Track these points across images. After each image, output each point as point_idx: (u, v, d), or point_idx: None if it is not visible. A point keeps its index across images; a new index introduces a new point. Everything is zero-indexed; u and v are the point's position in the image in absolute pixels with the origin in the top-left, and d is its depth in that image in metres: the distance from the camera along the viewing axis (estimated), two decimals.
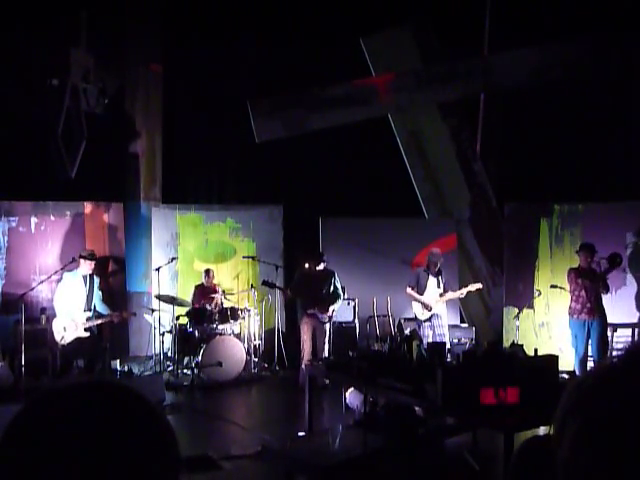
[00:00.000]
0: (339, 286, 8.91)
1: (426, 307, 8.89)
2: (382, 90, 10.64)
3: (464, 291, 9.30)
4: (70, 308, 8.35)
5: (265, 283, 9.04)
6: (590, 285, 8.20)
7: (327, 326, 8.77)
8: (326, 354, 8.43)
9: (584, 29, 10.23)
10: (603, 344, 8.27)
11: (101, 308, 8.54)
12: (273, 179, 11.30)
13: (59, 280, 8.73)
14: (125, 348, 10.17)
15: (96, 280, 8.61)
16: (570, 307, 8.36)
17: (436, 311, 8.94)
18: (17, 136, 9.63)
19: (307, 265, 8.82)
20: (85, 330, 8.33)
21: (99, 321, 8.44)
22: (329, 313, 8.76)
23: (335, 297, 8.82)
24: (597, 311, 8.24)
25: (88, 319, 8.38)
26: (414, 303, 9.00)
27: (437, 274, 8.98)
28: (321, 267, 8.80)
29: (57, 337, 8.32)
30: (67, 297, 8.44)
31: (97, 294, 8.56)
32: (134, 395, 0.97)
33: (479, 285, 9.45)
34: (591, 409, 0.89)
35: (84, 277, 8.52)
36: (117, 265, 10.31)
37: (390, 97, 10.68)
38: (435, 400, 4.78)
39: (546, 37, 10.33)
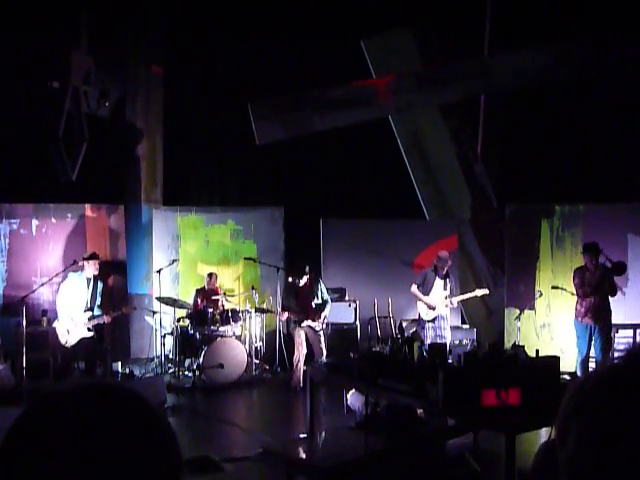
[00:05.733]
0: (325, 291, 9.09)
1: (430, 307, 8.90)
2: (383, 92, 10.63)
3: (470, 295, 9.30)
4: (71, 308, 8.36)
5: (259, 310, 9.50)
6: (596, 289, 8.16)
7: (321, 333, 8.94)
8: (324, 358, 8.51)
9: (584, 30, 10.23)
10: (607, 347, 8.25)
11: (97, 312, 8.56)
12: (274, 181, 11.31)
13: (63, 279, 8.75)
14: (126, 350, 10.16)
15: (99, 285, 8.62)
16: (576, 308, 8.34)
17: (441, 312, 8.94)
18: (18, 138, 9.64)
19: (290, 279, 9.03)
20: (89, 330, 8.34)
21: (100, 320, 8.44)
22: (321, 321, 8.91)
23: (324, 304, 8.99)
24: (602, 315, 8.19)
25: (90, 318, 8.39)
26: (419, 303, 9.01)
27: (444, 277, 8.98)
28: (304, 280, 8.94)
29: (62, 340, 8.33)
30: (69, 297, 8.45)
31: (98, 298, 8.58)
32: (135, 397, 0.97)
33: (486, 291, 9.45)
34: (595, 409, 0.90)
35: (88, 279, 8.53)
36: (118, 267, 10.31)
37: (391, 98, 10.67)
38: (436, 401, 4.77)
39: (546, 38, 10.33)
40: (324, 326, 8.97)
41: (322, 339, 8.89)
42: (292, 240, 10.69)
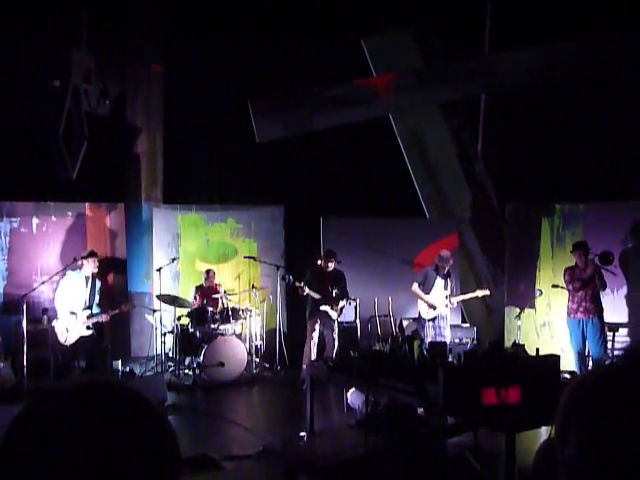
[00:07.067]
0: (347, 287, 9.09)
1: (431, 306, 8.90)
2: (383, 90, 10.63)
3: (471, 296, 9.29)
4: (70, 306, 8.36)
5: (284, 279, 9.22)
6: (586, 283, 8.26)
7: (336, 324, 8.93)
8: (336, 349, 8.69)
9: (585, 29, 10.22)
10: (602, 343, 8.30)
11: (96, 310, 8.56)
12: (274, 179, 11.31)
13: (62, 277, 8.75)
14: (127, 349, 10.17)
15: (98, 283, 8.62)
16: (567, 306, 8.47)
17: (441, 312, 8.93)
18: (18, 137, 9.64)
19: (319, 262, 8.97)
20: (87, 328, 8.34)
21: (98, 318, 8.44)
22: (338, 309, 8.93)
23: (343, 295, 9.01)
24: (593, 310, 8.29)
25: (89, 316, 8.39)
26: (420, 302, 9.00)
27: (446, 276, 8.98)
28: (332, 266, 8.92)
29: (61, 338, 8.33)
30: (68, 295, 8.45)
31: (96, 297, 8.58)
32: (135, 395, 0.97)
33: (486, 292, 9.45)
34: (595, 409, 0.90)
35: (86, 277, 8.53)
36: (118, 266, 10.31)
37: (391, 97, 10.67)
38: (436, 400, 4.78)
39: (547, 37, 10.32)
40: (339, 317, 8.99)
41: (336, 330, 8.90)
42: (292, 239, 10.69)
